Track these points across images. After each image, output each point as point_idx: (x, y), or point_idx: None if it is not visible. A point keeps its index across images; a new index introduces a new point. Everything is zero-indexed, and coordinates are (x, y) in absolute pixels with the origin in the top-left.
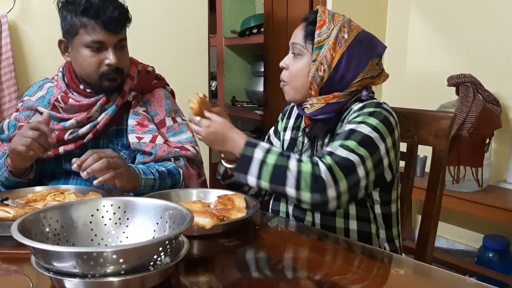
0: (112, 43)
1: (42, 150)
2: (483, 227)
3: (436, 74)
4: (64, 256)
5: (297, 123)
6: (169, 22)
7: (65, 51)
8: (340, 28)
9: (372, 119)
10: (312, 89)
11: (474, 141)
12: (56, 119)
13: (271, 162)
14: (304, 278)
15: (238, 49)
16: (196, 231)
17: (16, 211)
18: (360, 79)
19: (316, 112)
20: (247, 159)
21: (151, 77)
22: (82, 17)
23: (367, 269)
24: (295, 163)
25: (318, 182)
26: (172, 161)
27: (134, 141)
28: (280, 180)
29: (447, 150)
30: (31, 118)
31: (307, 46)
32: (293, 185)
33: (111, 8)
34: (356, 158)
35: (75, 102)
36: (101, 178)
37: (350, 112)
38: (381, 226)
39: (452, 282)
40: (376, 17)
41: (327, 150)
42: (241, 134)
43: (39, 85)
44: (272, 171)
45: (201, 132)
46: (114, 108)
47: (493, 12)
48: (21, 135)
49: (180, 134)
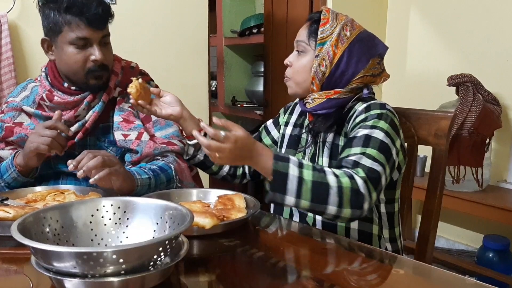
0: (97, 39)
1: (60, 149)
2: (483, 227)
3: (436, 74)
4: (64, 256)
5: (300, 120)
6: (169, 22)
7: (49, 49)
8: (343, 26)
9: (383, 123)
10: (314, 84)
11: (474, 141)
12: (42, 118)
13: (309, 179)
14: (304, 278)
15: (238, 49)
16: (196, 231)
17: (16, 211)
18: (361, 76)
19: (317, 107)
20: (281, 176)
21: (135, 72)
22: (66, 14)
23: (367, 269)
24: (333, 178)
25: (359, 197)
26: (160, 159)
27: (120, 139)
28: (322, 199)
29: (447, 150)
30: (17, 118)
31: (311, 43)
32: (336, 203)
33: (95, 5)
34: (380, 168)
35: (61, 99)
36: (96, 176)
37: (355, 112)
38: (385, 226)
39: (452, 282)
40: (376, 17)
41: (351, 159)
42: (265, 147)
43: (22, 86)
44: (312, 189)
45: (225, 150)
46: (101, 105)
47: (493, 12)
48: (38, 134)
49: (166, 128)
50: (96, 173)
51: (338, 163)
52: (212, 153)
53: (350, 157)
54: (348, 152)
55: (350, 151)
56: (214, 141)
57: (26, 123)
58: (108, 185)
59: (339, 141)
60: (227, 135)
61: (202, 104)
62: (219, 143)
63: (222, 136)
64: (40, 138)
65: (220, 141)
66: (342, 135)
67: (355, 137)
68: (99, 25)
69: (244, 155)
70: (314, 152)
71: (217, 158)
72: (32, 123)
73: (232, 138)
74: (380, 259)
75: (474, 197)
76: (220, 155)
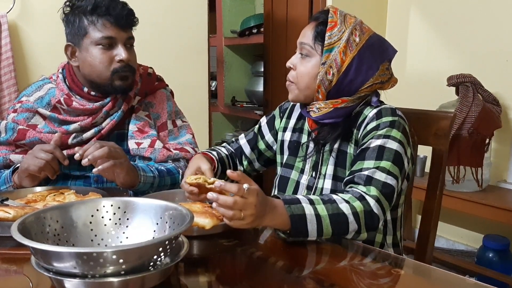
0: (122, 39)
1: (53, 173)
2: (483, 227)
3: (436, 74)
4: (64, 257)
5: (299, 124)
6: (169, 22)
7: (72, 56)
8: (351, 30)
9: (396, 132)
10: (320, 93)
11: (474, 141)
12: (57, 121)
13: (325, 213)
14: (304, 277)
15: (238, 49)
16: (196, 231)
17: (16, 211)
18: (370, 84)
19: (323, 116)
20: (300, 219)
21: (152, 79)
22: (92, 15)
23: (367, 269)
24: (346, 205)
25: (373, 218)
26: (171, 162)
27: (133, 147)
28: (343, 230)
29: (447, 150)
30: (31, 120)
31: (316, 47)
32: (355, 229)
33: (120, 6)
34: (394, 182)
35: (79, 105)
36: (100, 166)
37: (364, 119)
38: (389, 232)
39: (452, 282)
40: (376, 17)
41: (364, 174)
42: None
43: (38, 85)
44: (331, 223)
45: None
46: (120, 114)
47: (493, 12)
48: (33, 155)
49: (180, 137)
50: (101, 163)
51: (351, 178)
52: (237, 213)
53: (364, 171)
54: (361, 166)
55: (363, 165)
56: (239, 197)
57: (41, 126)
58: (111, 177)
59: (347, 149)
60: (250, 189)
61: (202, 104)
62: (243, 199)
63: (246, 189)
64: (34, 160)
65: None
66: (351, 142)
67: (368, 148)
68: (125, 25)
69: (264, 210)
70: (316, 161)
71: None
72: (47, 125)
73: (254, 191)
74: (380, 259)
75: (474, 197)
76: (244, 214)
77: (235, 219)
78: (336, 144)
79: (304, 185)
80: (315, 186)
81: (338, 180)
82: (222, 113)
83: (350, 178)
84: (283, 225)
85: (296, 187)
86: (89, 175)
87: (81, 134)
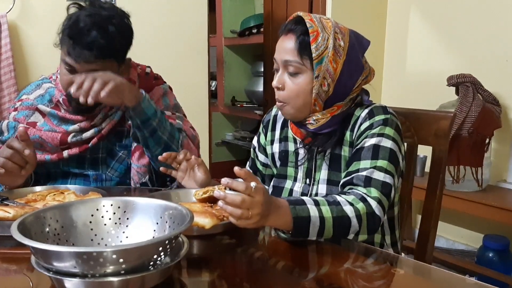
0: (82, 70)
1: (18, 169)
2: (483, 227)
3: (436, 74)
4: (64, 256)
5: (283, 133)
6: (169, 22)
7: None
8: (334, 35)
9: (389, 129)
10: (317, 105)
11: (474, 141)
12: (57, 117)
13: (329, 215)
14: (304, 278)
15: (238, 49)
16: (196, 231)
17: (16, 211)
18: (358, 84)
19: (322, 127)
20: (303, 221)
21: (150, 78)
22: (64, 35)
23: (367, 269)
24: (350, 208)
25: (375, 220)
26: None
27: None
28: (344, 232)
29: (447, 150)
30: (30, 118)
31: (305, 62)
32: (355, 231)
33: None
34: (391, 180)
35: None
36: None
37: (357, 119)
38: (387, 232)
39: (452, 282)
40: (376, 18)
41: (362, 175)
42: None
43: (37, 83)
44: (334, 225)
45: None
46: (119, 114)
47: (493, 12)
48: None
49: None
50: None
51: (349, 179)
52: (245, 212)
53: (361, 172)
54: (358, 166)
55: (359, 165)
56: (246, 196)
57: (40, 123)
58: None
59: (341, 151)
60: (257, 187)
61: (202, 104)
62: (251, 197)
63: (253, 187)
64: None
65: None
66: (344, 144)
67: (362, 148)
68: (88, 58)
69: (269, 210)
70: (309, 167)
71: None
72: (46, 123)
73: (261, 190)
74: (380, 259)
75: (474, 197)
76: (252, 213)
77: (243, 218)
78: (328, 149)
79: (298, 192)
80: (309, 193)
81: (333, 184)
82: (222, 113)
83: (348, 179)
84: (286, 225)
85: (290, 195)
86: (88, 173)
87: (80, 134)
